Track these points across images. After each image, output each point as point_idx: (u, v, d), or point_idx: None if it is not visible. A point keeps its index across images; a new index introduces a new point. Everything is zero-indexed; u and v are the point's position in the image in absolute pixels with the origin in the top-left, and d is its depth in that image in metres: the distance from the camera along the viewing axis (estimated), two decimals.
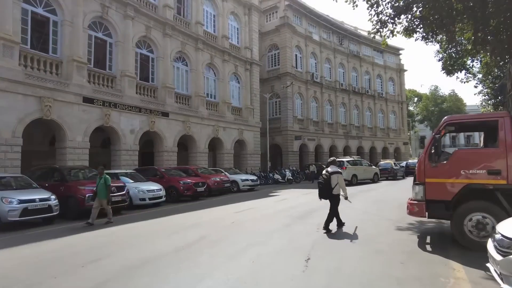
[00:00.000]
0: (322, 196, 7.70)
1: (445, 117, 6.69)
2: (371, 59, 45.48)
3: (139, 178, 13.80)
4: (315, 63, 37.74)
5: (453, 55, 22.02)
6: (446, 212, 6.18)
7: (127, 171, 14.47)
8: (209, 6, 25.34)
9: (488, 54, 20.66)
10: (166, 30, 20.64)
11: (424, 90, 72.87)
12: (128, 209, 11.96)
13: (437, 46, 23.88)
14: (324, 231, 7.38)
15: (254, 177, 19.87)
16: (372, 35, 14.71)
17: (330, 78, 39.44)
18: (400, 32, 13.59)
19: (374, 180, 24.53)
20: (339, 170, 7.83)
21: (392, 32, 13.45)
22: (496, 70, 25.03)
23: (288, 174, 24.87)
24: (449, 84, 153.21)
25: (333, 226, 7.68)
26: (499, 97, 24.05)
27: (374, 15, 12.78)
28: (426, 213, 6.39)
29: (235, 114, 26.53)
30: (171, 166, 18.39)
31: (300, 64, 35.68)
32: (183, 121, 21.31)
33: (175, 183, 14.50)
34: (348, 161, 22.94)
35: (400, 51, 50.28)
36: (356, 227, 7.90)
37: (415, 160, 39.66)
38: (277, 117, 33.92)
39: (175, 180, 14.76)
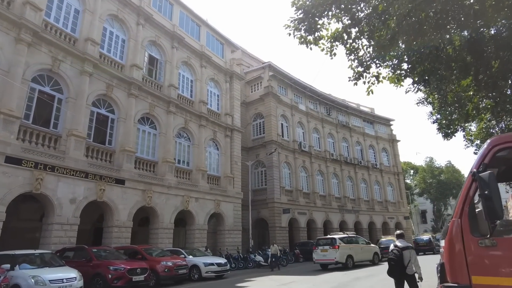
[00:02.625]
0: (393, 274, 6.78)
1: (491, 139, 3.62)
2: (361, 130, 44.24)
3: (51, 262, 10.08)
4: (303, 132, 36.08)
5: (448, 113, 20.20)
6: None
7: (37, 252, 10.70)
8: (186, 71, 24.24)
9: (485, 115, 18.68)
10: (131, 90, 18.82)
11: (420, 161, 71.29)
12: None
13: (429, 108, 22.41)
14: None
15: (222, 260, 15.81)
16: (353, 83, 12.62)
17: (319, 148, 37.41)
18: (386, 78, 11.52)
19: (374, 261, 20.46)
20: (411, 245, 7.03)
21: (377, 77, 11.36)
22: (495, 132, 23.07)
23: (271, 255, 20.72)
24: (444, 154, 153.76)
25: None
26: None
27: (354, 60, 10.83)
28: None
29: (212, 183, 23.48)
30: (111, 247, 14.57)
31: (286, 133, 33.91)
32: (144, 190, 18.15)
33: (103, 270, 10.73)
34: (341, 239, 18.71)
35: (391, 122, 49.51)
36: None
37: (426, 236, 36.08)
38: (262, 188, 30.79)
39: (103, 265, 10.99)
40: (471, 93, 11.98)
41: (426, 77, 12.65)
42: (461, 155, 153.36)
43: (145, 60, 21.14)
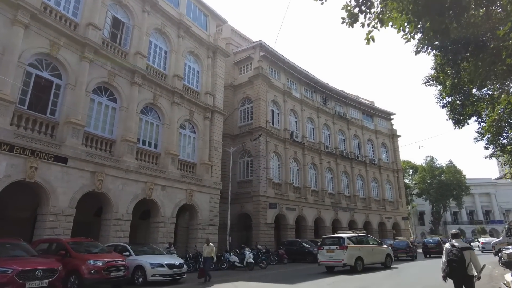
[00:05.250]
0: (455, 277, 6.15)
1: None
2: (360, 122, 41.14)
3: None
4: (296, 121, 32.91)
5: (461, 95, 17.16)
6: None
7: None
8: (159, 40, 21.02)
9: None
10: (85, 52, 15.60)
11: (420, 161, 68.32)
12: None
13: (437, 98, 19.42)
14: None
15: (177, 261, 12.48)
16: (347, 24, 9.45)
17: (313, 139, 34.27)
18: (393, 20, 8.50)
19: (386, 264, 17.80)
20: (470, 246, 6.59)
21: (381, 19, 8.40)
22: (504, 125, 20.24)
23: (249, 255, 17.56)
24: (446, 153, 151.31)
25: None
26: None
27: None
28: None
29: (184, 170, 20.31)
30: (20, 239, 11.08)
31: (277, 121, 30.74)
32: (93, 171, 14.98)
33: None
34: (349, 238, 16.27)
35: (392, 116, 46.43)
36: None
37: (434, 238, 31.96)
38: (248, 180, 27.66)
39: None
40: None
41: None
42: (463, 154, 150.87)
43: (107, 22, 17.91)
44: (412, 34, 10.00)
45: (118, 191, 15.96)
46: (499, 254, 14.99)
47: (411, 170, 66.29)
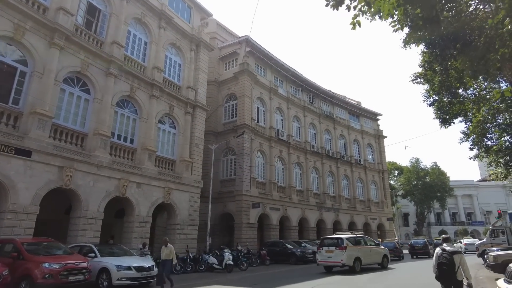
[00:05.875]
0: (443, 281, 6.23)
1: None
2: (346, 122, 40.82)
3: None
4: (282, 119, 32.27)
5: (449, 93, 16.81)
6: None
7: None
8: (138, 30, 20.02)
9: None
10: (55, 38, 14.52)
11: (405, 162, 68.77)
12: None
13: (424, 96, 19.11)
14: None
15: (146, 263, 11.56)
16: (332, 7, 8.85)
17: (299, 138, 33.71)
18: (378, 1, 7.93)
19: (383, 265, 18.16)
20: (460, 250, 6.58)
21: (366, 1, 7.81)
22: (488, 126, 20.20)
23: (228, 257, 16.75)
24: (431, 154, 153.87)
25: None
26: None
27: None
28: None
29: (162, 167, 19.37)
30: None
31: (263, 118, 30.03)
32: (61, 166, 13.93)
33: None
34: (348, 239, 16.48)
35: (378, 116, 46.35)
36: None
37: (421, 239, 31.96)
38: (231, 178, 26.84)
39: None
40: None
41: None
42: (448, 155, 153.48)
43: (82, 8, 16.82)
44: (401, 23, 9.42)
45: (88, 187, 14.92)
46: (485, 256, 14.63)
47: (396, 171, 66.68)
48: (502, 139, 17.90)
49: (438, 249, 6.51)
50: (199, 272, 16.87)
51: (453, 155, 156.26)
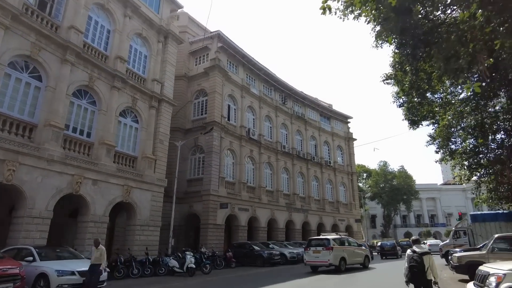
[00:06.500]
0: (415, 282, 6.41)
1: None
2: (317, 124, 40.89)
3: None
4: (253, 118, 31.67)
5: (418, 94, 16.83)
6: None
7: None
8: (101, 16, 18.69)
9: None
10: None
11: (374, 165, 70.43)
12: None
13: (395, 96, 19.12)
14: None
15: (81, 267, 10.07)
16: (335, 13, 8.76)
17: (270, 138, 33.24)
18: None
19: (365, 264, 19.10)
20: (429, 251, 6.70)
21: None
22: (453, 130, 20.70)
23: (190, 259, 15.80)
24: (399, 157, 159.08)
25: None
26: None
27: None
28: None
29: (122, 163, 18.13)
30: None
31: (234, 117, 29.26)
32: (3, 159, 12.49)
33: None
34: (334, 240, 17.29)
35: (349, 119, 46.89)
36: None
37: (391, 241, 33.15)
38: (199, 178, 25.82)
39: None
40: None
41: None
42: (416, 158, 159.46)
43: None
44: (374, 14, 9.04)
45: (35, 184, 13.52)
46: (449, 257, 14.68)
47: (365, 174, 68.04)
48: (467, 141, 18.20)
49: (409, 251, 6.72)
50: (158, 275, 15.82)
51: (420, 157, 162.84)
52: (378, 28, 10.08)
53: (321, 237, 18.58)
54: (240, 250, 22.13)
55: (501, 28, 7.32)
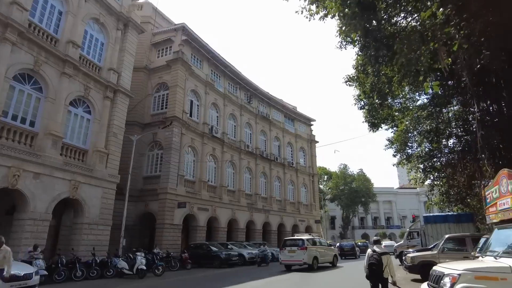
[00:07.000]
0: (373, 279, 6.88)
1: None
2: (281, 125, 40.96)
3: None
4: (217, 116, 30.95)
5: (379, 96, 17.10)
6: None
7: None
8: None
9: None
10: None
11: (334, 168, 72.22)
12: None
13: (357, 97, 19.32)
14: None
15: (25, 270, 8.51)
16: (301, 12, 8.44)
17: (234, 137, 32.69)
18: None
19: (333, 263, 20.28)
20: (388, 251, 7.39)
21: None
22: (410, 135, 21.50)
23: (141, 261, 14.82)
24: (360, 160, 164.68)
25: None
26: None
27: None
28: None
29: (70, 156, 16.70)
30: None
31: (196, 113, 28.36)
32: None
33: None
34: (308, 240, 18.37)
35: (312, 122, 47.52)
36: None
37: (350, 242, 34.33)
38: (156, 175, 24.65)
39: None
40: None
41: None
42: (375, 161, 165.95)
43: None
44: (338, 8, 8.83)
45: None
46: (403, 257, 14.96)
47: (325, 176, 69.49)
48: (423, 145, 18.80)
49: (369, 250, 7.14)
50: (106, 278, 14.67)
51: (378, 161, 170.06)
52: (343, 23, 9.95)
53: (295, 237, 19.54)
54: (197, 251, 21.33)
55: (459, 27, 7.37)
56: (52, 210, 15.15)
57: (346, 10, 9.10)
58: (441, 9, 7.08)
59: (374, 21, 10.19)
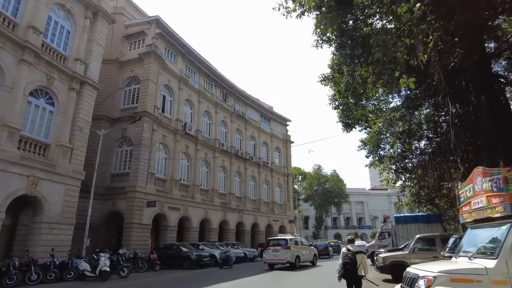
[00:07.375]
0: (348, 277, 6.91)
1: None
2: (257, 124, 40.65)
3: None
4: (191, 113, 30.16)
5: (353, 96, 17.09)
6: None
7: None
8: None
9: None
10: None
11: (309, 168, 72.78)
12: None
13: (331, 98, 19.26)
14: None
15: None
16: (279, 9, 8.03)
17: (208, 135, 32.00)
18: None
19: (313, 262, 21.07)
20: (362, 250, 7.46)
21: None
22: (383, 137, 21.77)
23: (104, 262, 13.97)
24: (333, 160, 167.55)
25: None
26: None
27: None
28: None
29: (29, 150, 15.53)
30: None
31: (169, 109, 27.46)
32: None
33: None
34: (291, 240, 18.99)
35: (288, 122, 47.56)
36: None
37: (323, 242, 34.89)
38: (125, 173, 23.59)
39: None
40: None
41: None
42: (348, 161, 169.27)
43: None
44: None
45: None
46: (375, 257, 14.96)
47: (300, 177, 69.94)
48: (395, 146, 18.98)
49: (343, 249, 7.19)
50: (65, 281, 13.69)
51: (351, 162, 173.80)
52: (319, 18, 9.68)
53: (279, 237, 20.07)
54: (167, 251, 20.54)
55: (436, 25, 7.26)
56: (6, 208, 13.97)
57: (323, 8, 8.90)
58: (417, 4, 6.93)
59: (350, 21, 10.06)
